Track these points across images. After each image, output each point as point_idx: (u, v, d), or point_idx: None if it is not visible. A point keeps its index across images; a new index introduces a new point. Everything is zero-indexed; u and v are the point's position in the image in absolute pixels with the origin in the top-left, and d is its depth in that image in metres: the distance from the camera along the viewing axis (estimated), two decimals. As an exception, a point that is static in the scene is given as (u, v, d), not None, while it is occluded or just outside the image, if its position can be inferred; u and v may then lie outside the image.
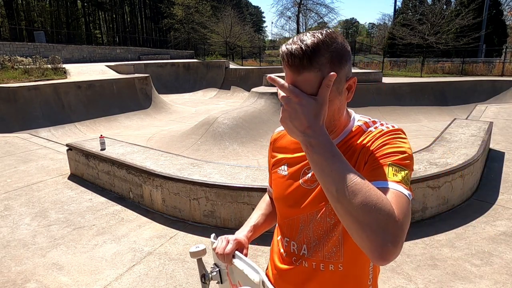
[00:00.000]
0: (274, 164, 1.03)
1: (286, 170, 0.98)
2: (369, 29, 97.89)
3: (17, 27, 33.15)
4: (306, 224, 0.93)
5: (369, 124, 0.89)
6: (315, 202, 0.91)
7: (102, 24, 47.82)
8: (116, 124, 10.33)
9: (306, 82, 0.74)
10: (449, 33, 21.18)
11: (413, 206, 3.34)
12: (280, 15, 34.18)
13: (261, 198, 1.23)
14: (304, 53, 0.73)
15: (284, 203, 0.97)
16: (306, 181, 0.92)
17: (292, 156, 0.97)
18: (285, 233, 0.99)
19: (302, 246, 0.95)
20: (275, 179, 1.01)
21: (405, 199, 0.71)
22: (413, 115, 11.16)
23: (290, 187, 0.95)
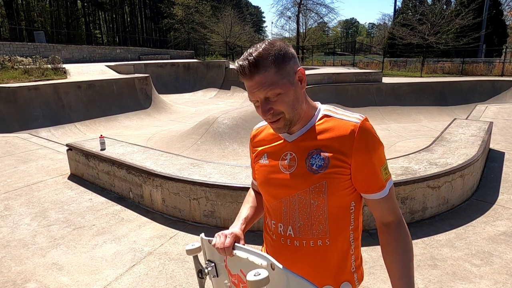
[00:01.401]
0: (256, 156, 1.12)
1: (266, 159, 1.08)
2: (369, 29, 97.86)
3: (17, 27, 33.15)
4: (289, 207, 1.03)
5: (334, 111, 1.04)
6: (294, 185, 1.00)
7: (102, 24, 47.81)
8: (116, 124, 10.33)
9: (258, 83, 0.92)
10: (449, 33, 21.17)
11: (413, 206, 3.34)
12: (280, 15, 34.18)
13: (247, 193, 1.31)
14: (250, 63, 0.90)
15: (267, 189, 1.07)
16: (284, 166, 1.03)
17: (270, 146, 1.08)
18: (271, 216, 1.09)
19: (287, 228, 1.04)
20: (258, 169, 1.10)
21: (393, 190, 1.04)
22: (413, 115, 11.16)
23: (271, 173, 1.05)
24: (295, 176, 1.00)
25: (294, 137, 1.03)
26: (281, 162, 1.04)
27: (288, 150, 1.03)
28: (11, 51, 16.33)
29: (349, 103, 11.17)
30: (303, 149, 1.01)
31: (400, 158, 3.86)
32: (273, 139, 1.09)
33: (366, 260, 2.78)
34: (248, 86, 0.95)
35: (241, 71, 0.93)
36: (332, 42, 50.37)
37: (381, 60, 20.43)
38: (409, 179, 3.24)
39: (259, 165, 1.10)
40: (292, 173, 1.01)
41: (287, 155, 1.03)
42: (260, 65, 0.91)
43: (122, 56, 22.80)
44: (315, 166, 0.98)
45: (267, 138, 1.11)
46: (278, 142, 1.06)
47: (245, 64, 0.91)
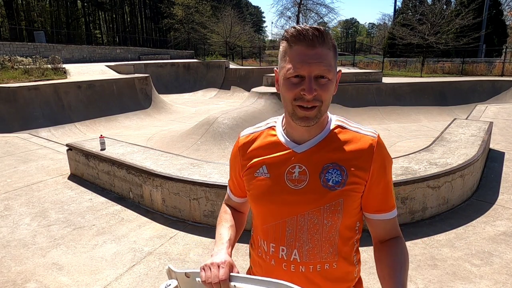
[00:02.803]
0: (250, 168, 0.96)
1: (266, 171, 0.93)
2: (369, 29, 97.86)
3: (17, 27, 33.14)
4: (295, 228, 0.90)
5: (347, 123, 0.97)
6: (305, 203, 0.89)
7: (102, 24, 47.82)
8: (116, 124, 10.33)
9: (319, 55, 0.81)
10: (449, 33, 21.16)
11: (413, 206, 3.34)
12: (280, 15, 34.19)
13: (221, 209, 1.14)
14: (318, 31, 0.81)
15: (267, 207, 0.93)
16: (292, 181, 0.90)
17: (271, 156, 0.93)
18: (268, 238, 0.94)
19: (292, 251, 0.91)
20: (253, 183, 0.94)
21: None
22: (413, 115, 11.15)
23: (273, 189, 0.91)
24: (306, 193, 0.88)
25: (305, 147, 0.90)
26: (287, 176, 0.90)
27: (297, 162, 0.90)
28: (11, 51, 16.33)
29: (349, 103, 11.16)
30: (316, 162, 0.89)
31: (400, 158, 3.86)
32: (273, 148, 0.94)
33: (366, 260, 2.78)
34: (303, 54, 0.81)
35: (303, 34, 0.80)
36: (332, 42, 50.09)
37: (381, 60, 20.43)
38: (409, 179, 3.24)
39: (257, 179, 0.94)
40: (302, 189, 0.89)
41: (294, 167, 0.90)
42: (326, 40, 0.82)
43: (122, 56, 22.80)
44: (331, 181, 0.88)
45: (265, 147, 0.95)
46: (283, 152, 0.92)
47: (311, 31, 0.80)
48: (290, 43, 0.83)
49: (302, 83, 0.82)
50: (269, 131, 0.98)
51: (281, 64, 0.87)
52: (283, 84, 0.85)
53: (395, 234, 0.99)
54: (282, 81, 0.86)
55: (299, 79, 0.82)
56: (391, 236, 0.98)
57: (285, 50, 0.84)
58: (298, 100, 0.83)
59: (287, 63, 0.83)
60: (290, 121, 0.91)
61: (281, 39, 0.87)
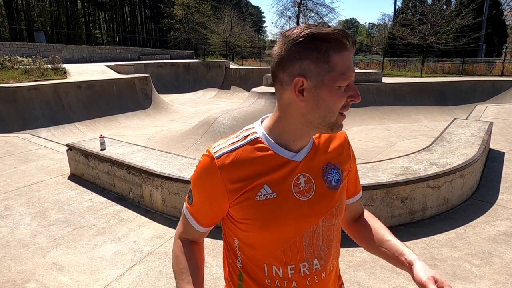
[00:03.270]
0: (244, 193, 0.82)
1: (271, 191, 0.82)
2: (369, 29, 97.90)
3: (17, 27, 33.14)
4: (312, 239, 0.87)
5: None
6: (319, 211, 0.87)
7: (102, 24, 47.82)
8: (116, 124, 10.33)
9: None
10: (449, 33, 21.17)
11: (413, 206, 3.34)
12: (280, 15, 34.16)
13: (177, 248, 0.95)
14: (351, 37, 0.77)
15: (283, 229, 0.84)
16: (301, 192, 0.85)
17: (270, 173, 0.82)
18: (287, 261, 0.86)
19: (313, 262, 0.88)
20: (255, 210, 0.82)
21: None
22: (413, 115, 11.15)
23: (286, 207, 0.83)
24: (318, 200, 0.86)
25: (303, 154, 0.86)
26: (294, 189, 0.84)
27: (300, 172, 0.85)
28: (11, 51, 16.33)
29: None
30: (316, 166, 0.87)
31: (400, 158, 3.86)
32: (270, 163, 0.83)
33: (366, 260, 2.78)
34: (351, 60, 0.77)
35: (347, 39, 0.75)
36: (332, 42, 50.11)
37: (381, 60, 20.43)
38: (409, 179, 3.24)
39: (258, 203, 0.82)
40: (312, 198, 0.86)
41: (299, 178, 0.85)
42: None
43: (122, 56, 22.80)
44: (333, 181, 0.89)
45: (259, 164, 0.82)
46: (284, 164, 0.83)
47: (348, 35, 0.75)
48: (335, 47, 0.74)
49: (347, 90, 0.77)
50: (256, 144, 0.84)
51: (317, 70, 0.75)
52: (331, 94, 0.76)
53: (363, 208, 1.08)
54: (327, 90, 0.76)
55: (345, 87, 0.77)
56: (362, 212, 1.07)
57: (328, 55, 0.74)
58: (343, 108, 0.78)
59: (337, 71, 0.74)
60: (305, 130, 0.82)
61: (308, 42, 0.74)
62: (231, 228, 0.90)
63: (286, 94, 0.79)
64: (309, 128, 0.82)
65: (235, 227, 0.88)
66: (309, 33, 0.73)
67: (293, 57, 0.75)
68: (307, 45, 0.74)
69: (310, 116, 0.79)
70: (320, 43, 0.73)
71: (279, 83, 0.80)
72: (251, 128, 0.88)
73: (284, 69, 0.77)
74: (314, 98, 0.76)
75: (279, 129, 0.84)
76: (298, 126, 0.82)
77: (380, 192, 3.17)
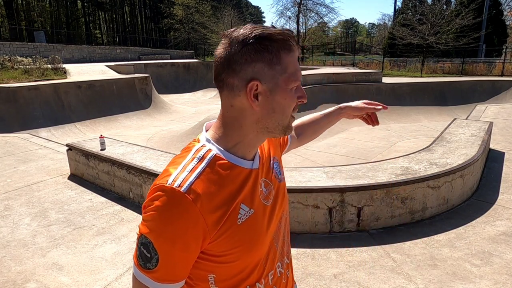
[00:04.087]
0: (226, 221, 0.72)
1: (248, 208, 0.76)
2: (369, 29, 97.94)
3: (17, 27, 33.15)
4: (279, 237, 0.87)
5: None
6: (280, 208, 0.87)
7: (102, 24, 47.84)
8: (116, 124, 10.33)
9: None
10: (449, 33, 21.18)
11: (413, 206, 3.34)
12: (280, 15, 34.09)
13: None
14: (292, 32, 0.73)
15: (265, 241, 0.80)
16: (266, 198, 0.82)
17: (240, 192, 0.75)
18: (266, 271, 0.82)
19: (283, 259, 0.89)
20: (239, 235, 0.74)
21: None
22: (413, 115, 11.16)
23: (262, 219, 0.79)
24: (277, 197, 0.86)
25: (257, 159, 0.82)
26: (261, 197, 0.81)
27: (261, 178, 0.82)
28: (11, 51, 16.34)
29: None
30: (268, 167, 0.86)
31: (400, 158, 3.86)
32: (236, 178, 0.75)
33: (366, 260, 2.78)
34: (296, 60, 0.74)
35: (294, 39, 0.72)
36: (332, 42, 50.40)
37: (381, 60, 20.43)
38: (409, 179, 3.24)
39: (241, 226, 0.74)
40: (274, 199, 0.85)
41: (261, 186, 0.81)
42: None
43: (122, 56, 22.81)
44: (279, 174, 0.90)
45: (228, 183, 0.74)
46: (247, 177, 0.78)
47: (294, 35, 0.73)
48: (284, 48, 0.71)
49: (296, 91, 0.74)
50: (217, 163, 0.74)
51: (270, 72, 0.70)
52: (285, 97, 0.72)
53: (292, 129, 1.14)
54: (281, 92, 0.72)
55: (295, 88, 0.74)
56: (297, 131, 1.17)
57: (278, 56, 0.70)
58: (293, 110, 0.76)
59: (288, 72, 0.71)
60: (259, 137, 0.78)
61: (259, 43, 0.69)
62: (205, 266, 0.76)
63: (237, 101, 0.72)
64: (263, 134, 0.77)
65: (212, 263, 0.75)
66: (259, 33, 0.68)
67: (245, 59, 0.69)
68: (258, 46, 0.68)
69: (265, 121, 0.74)
70: (270, 44, 0.69)
71: (228, 89, 0.72)
72: (202, 147, 0.76)
73: (235, 73, 0.70)
74: (270, 102, 0.72)
75: (233, 141, 0.76)
76: (253, 135, 0.76)
77: (380, 192, 3.17)
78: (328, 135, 8.83)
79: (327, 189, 3.10)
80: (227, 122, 0.76)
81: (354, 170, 3.46)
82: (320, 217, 3.15)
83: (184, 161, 0.73)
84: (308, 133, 1.19)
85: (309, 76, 11.55)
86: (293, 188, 3.09)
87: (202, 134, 0.80)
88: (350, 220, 3.18)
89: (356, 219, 3.18)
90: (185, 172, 0.71)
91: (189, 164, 0.72)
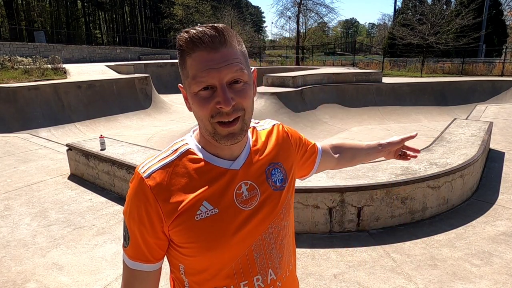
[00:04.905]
0: (181, 214, 0.72)
1: (211, 207, 0.74)
2: (369, 29, 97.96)
3: (17, 27, 33.15)
4: (262, 248, 0.80)
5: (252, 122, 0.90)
6: (266, 217, 0.80)
7: (102, 24, 47.85)
8: (116, 124, 10.33)
9: (225, 57, 0.68)
10: (449, 33, 21.19)
11: (413, 206, 3.34)
12: (280, 15, 34.16)
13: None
14: (216, 30, 0.68)
15: (229, 246, 0.76)
16: (245, 202, 0.77)
17: (207, 188, 0.74)
18: (238, 278, 0.78)
19: (267, 274, 0.81)
20: (196, 231, 0.73)
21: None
22: (413, 115, 11.16)
23: (230, 221, 0.75)
24: (263, 205, 0.79)
25: (241, 160, 0.79)
26: (237, 200, 0.76)
27: (241, 180, 0.78)
28: (11, 51, 16.34)
29: (349, 103, 11.17)
30: (258, 169, 0.81)
31: (400, 158, 3.85)
32: (206, 175, 0.75)
33: (366, 260, 2.78)
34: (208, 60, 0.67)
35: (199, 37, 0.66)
36: (332, 42, 50.41)
37: (381, 60, 20.44)
38: (409, 179, 3.24)
39: (198, 222, 0.73)
40: (257, 204, 0.78)
41: (241, 187, 0.77)
42: (228, 38, 0.69)
43: (122, 56, 22.81)
44: (278, 182, 0.83)
45: (194, 178, 0.74)
46: (219, 175, 0.76)
47: (209, 31, 0.67)
48: (187, 51, 0.68)
49: (215, 95, 0.68)
50: (187, 157, 0.76)
51: (183, 79, 0.72)
52: (193, 102, 0.70)
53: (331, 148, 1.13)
54: (190, 98, 0.71)
55: (210, 91, 0.68)
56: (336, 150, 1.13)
57: (184, 61, 0.69)
58: (216, 117, 0.69)
59: (190, 76, 0.69)
60: (214, 142, 0.75)
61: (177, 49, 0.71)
62: (174, 254, 0.78)
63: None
64: (209, 139, 0.76)
65: (178, 253, 0.77)
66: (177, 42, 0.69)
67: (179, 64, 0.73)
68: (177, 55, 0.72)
69: (199, 125, 0.76)
70: (180, 47, 0.69)
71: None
72: (182, 141, 0.80)
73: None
74: (192, 107, 0.73)
75: (205, 139, 0.78)
76: (207, 137, 0.76)
77: (380, 192, 3.17)
78: (328, 135, 8.84)
79: (327, 189, 3.10)
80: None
81: (354, 170, 3.47)
82: (320, 217, 3.15)
83: (161, 152, 0.80)
84: (347, 156, 1.15)
85: (309, 76, 11.55)
86: (293, 188, 3.08)
87: (190, 131, 0.84)
88: (350, 220, 3.18)
89: (356, 219, 3.18)
90: (154, 161, 0.77)
91: (162, 154, 0.78)
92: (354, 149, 1.16)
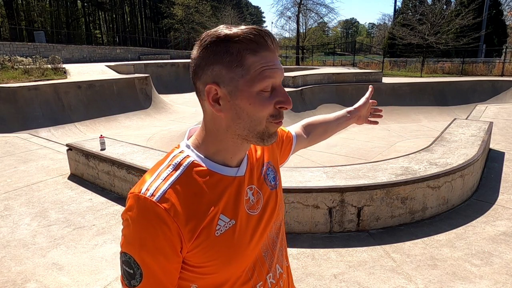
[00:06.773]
0: (201, 232, 0.68)
1: (228, 219, 0.72)
2: (369, 29, 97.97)
3: (17, 27, 33.14)
4: (269, 247, 0.82)
5: None
6: (270, 218, 0.81)
7: (102, 24, 47.85)
8: (116, 124, 10.33)
9: (278, 59, 0.70)
10: (449, 33, 21.19)
11: (413, 206, 3.34)
12: (280, 15, 34.16)
13: None
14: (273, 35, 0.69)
15: (247, 254, 0.75)
16: (253, 208, 0.77)
17: (219, 202, 0.71)
18: (254, 282, 0.78)
19: (275, 269, 0.83)
20: (217, 248, 0.70)
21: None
22: (413, 115, 11.16)
23: (244, 231, 0.74)
24: (266, 207, 0.81)
25: (243, 166, 0.77)
26: (246, 206, 0.76)
27: (247, 186, 0.77)
28: (11, 51, 16.34)
29: (349, 103, 11.08)
30: (258, 173, 0.81)
31: (400, 158, 3.86)
32: (216, 187, 0.72)
33: (366, 260, 2.78)
34: (273, 59, 0.67)
35: (264, 37, 0.66)
36: (332, 42, 50.41)
37: (381, 60, 20.44)
38: (409, 179, 3.24)
39: (219, 238, 0.70)
40: (262, 207, 0.79)
41: (247, 194, 0.77)
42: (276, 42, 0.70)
43: (122, 56, 22.81)
44: (272, 181, 0.85)
45: (205, 193, 0.70)
46: (229, 184, 0.74)
47: (268, 33, 0.67)
48: (251, 49, 0.65)
49: (274, 95, 0.68)
50: (194, 170, 0.71)
51: (229, 75, 0.66)
52: (253, 101, 0.67)
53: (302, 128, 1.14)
54: (243, 97, 0.67)
55: (269, 92, 0.68)
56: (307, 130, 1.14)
57: (242, 58, 0.65)
58: (274, 117, 0.69)
59: (247, 74, 0.66)
60: (238, 143, 0.73)
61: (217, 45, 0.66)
62: (187, 276, 0.73)
63: (206, 106, 0.70)
64: (240, 141, 0.72)
65: (192, 273, 0.72)
66: (218, 34, 0.65)
67: (205, 63, 0.67)
68: (216, 48, 0.65)
69: (234, 128, 0.70)
70: (231, 45, 0.65)
71: (197, 93, 0.71)
72: (181, 153, 0.74)
73: (198, 78, 0.69)
74: (232, 107, 0.68)
75: (213, 148, 0.73)
76: (229, 142, 0.72)
77: (380, 192, 3.17)
78: (328, 135, 8.82)
79: (327, 189, 3.10)
80: (207, 128, 0.73)
81: (354, 170, 3.47)
82: (320, 217, 3.15)
83: (159, 168, 0.71)
84: (318, 132, 1.17)
85: (309, 76, 11.55)
86: (293, 188, 3.09)
87: (183, 140, 0.77)
88: (350, 220, 3.18)
89: (356, 219, 3.19)
90: (159, 180, 0.68)
91: (164, 172, 0.70)
92: (324, 123, 1.18)
